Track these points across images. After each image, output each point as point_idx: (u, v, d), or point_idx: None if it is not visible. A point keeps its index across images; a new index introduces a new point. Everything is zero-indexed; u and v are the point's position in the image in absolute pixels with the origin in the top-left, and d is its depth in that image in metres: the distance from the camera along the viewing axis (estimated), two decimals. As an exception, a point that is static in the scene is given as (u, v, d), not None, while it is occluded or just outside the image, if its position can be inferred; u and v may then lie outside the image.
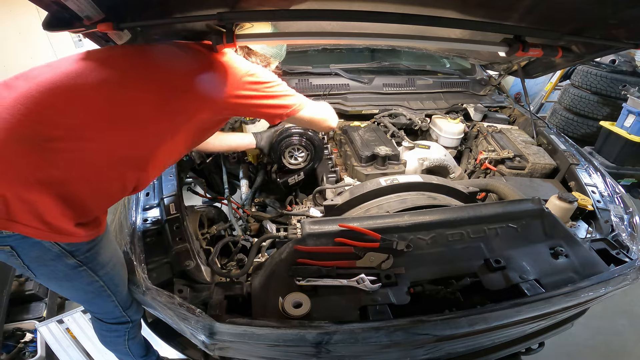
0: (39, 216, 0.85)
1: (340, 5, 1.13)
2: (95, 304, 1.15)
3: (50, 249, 0.91)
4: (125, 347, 1.31)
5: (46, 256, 0.93)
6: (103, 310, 1.19)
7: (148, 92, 0.99)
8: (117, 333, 1.26)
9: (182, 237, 1.20)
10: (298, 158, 1.75)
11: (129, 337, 1.29)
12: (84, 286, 1.05)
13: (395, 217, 1.18)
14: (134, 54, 1.08)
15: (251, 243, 1.41)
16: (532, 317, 1.06)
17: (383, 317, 1.00)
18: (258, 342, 0.97)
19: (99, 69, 0.97)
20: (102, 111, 0.93)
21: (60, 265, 0.96)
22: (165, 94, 1.00)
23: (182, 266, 1.13)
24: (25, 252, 0.91)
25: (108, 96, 0.94)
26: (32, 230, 0.85)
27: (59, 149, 0.86)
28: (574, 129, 4.29)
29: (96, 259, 1.01)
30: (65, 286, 1.07)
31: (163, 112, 1.00)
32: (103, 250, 1.03)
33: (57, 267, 0.96)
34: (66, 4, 0.93)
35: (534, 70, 2.06)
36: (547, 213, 1.26)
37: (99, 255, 1.02)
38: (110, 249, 1.07)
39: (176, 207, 1.31)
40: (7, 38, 3.66)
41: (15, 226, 0.83)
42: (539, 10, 1.17)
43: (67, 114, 0.89)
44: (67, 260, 0.95)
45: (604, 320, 2.32)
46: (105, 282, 1.06)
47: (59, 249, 0.93)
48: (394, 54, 2.60)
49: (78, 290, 1.08)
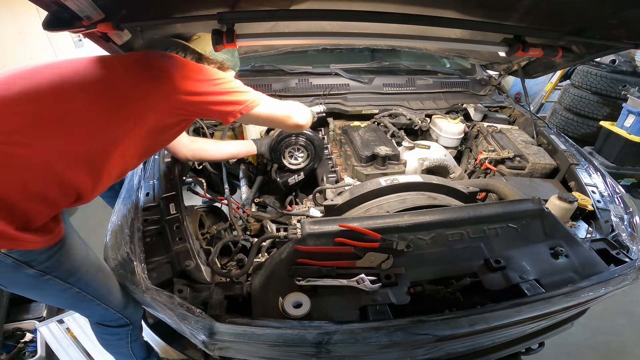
0: None
1: (340, 5, 1.13)
2: (82, 308, 1.13)
3: (3, 260, 0.87)
4: (128, 350, 1.30)
5: (3, 268, 0.89)
6: (96, 314, 1.17)
7: (84, 95, 0.94)
8: (119, 336, 1.25)
9: (182, 237, 1.20)
10: (298, 158, 1.75)
11: (132, 340, 1.28)
12: (58, 293, 1.01)
13: (395, 217, 1.18)
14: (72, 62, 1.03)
15: (251, 243, 1.41)
16: (532, 317, 1.06)
17: (383, 317, 1.00)
18: (258, 342, 0.97)
19: (31, 76, 0.93)
20: (37, 116, 0.88)
21: (21, 276, 0.92)
22: (105, 97, 0.96)
23: (182, 266, 1.12)
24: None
25: (42, 100, 0.90)
26: None
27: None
28: (574, 129, 4.29)
29: (60, 267, 0.97)
30: (39, 295, 1.04)
31: (102, 116, 0.95)
32: (67, 257, 0.98)
33: (19, 278, 0.93)
34: (66, 4, 0.93)
35: (534, 70, 2.07)
36: (547, 213, 1.26)
37: (63, 264, 0.97)
38: (77, 255, 1.02)
39: (176, 207, 1.31)
40: (7, 38, 3.66)
41: None
42: (539, 10, 1.17)
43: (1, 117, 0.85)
44: (25, 271, 0.91)
45: (604, 320, 2.32)
46: (80, 288, 1.03)
47: (12, 260, 0.88)
48: (394, 54, 2.60)
49: (54, 297, 1.05)
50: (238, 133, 1.99)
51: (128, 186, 1.45)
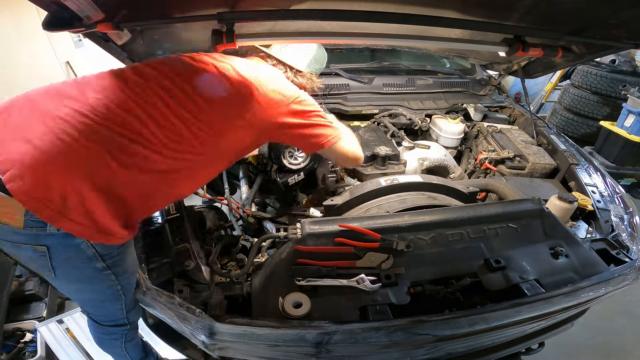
0: (92, 215, 0.86)
1: (340, 5, 1.13)
2: (103, 306, 1.15)
3: (85, 251, 0.92)
4: (122, 350, 1.30)
5: (79, 258, 0.93)
6: (106, 313, 1.18)
7: (207, 115, 1.01)
8: (114, 336, 1.25)
9: (182, 237, 1.20)
10: (298, 158, 1.75)
11: (126, 340, 1.28)
12: (103, 289, 1.05)
13: (395, 217, 1.18)
14: (187, 74, 1.06)
15: (251, 243, 1.41)
16: (532, 317, 1.06)
17: (383, 317, 1.00)
18: (258, 342, 0.97)
19: (166, 85, 0.98)
20: (175, 130, 0.96)
21: (89, 267, 0.96)
22: (220, 121, 1.03)
23: (182, 266, 1.12)
24: (59, 252, 0.91)
25: (179, 116, 0.97)
26: (81, 228, 0.86)
27: (134, 155, 0.89)
28: (574, 129, 4.29)
29: (122, 265, 1.02)
30: (83, 289, 1.07)
31: (216, 136, 1.03)
32: (128, 256, 1.05)
33: (84, 270, 0.97)
34: (66, 4, 0.93)
35: (534, 70, 2.06)
36: (547, 213, 1.26)
37: (124, 261, 1.03)
38: (132, 255, 1.09)
39: (176, 207, 1.31)
40: (7, 38, 3.66)
41: (66, 222, 0.84)
42: (539, 10, 1.17)
43: (147, 124, 0.92)
44: (96, 264, 0.96)
45: (604, 320, 2.32)
46: (123, 286, 1.07)
47: (93, 252, 0.93)
48: (394, 54, 2.60)
49: (95, 292, 1.08)
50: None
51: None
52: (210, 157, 1.05)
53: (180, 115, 0.96)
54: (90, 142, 0.85)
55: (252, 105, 1.06)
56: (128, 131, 0.90)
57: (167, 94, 0.97)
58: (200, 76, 1.03)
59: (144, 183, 0.94)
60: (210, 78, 1.04)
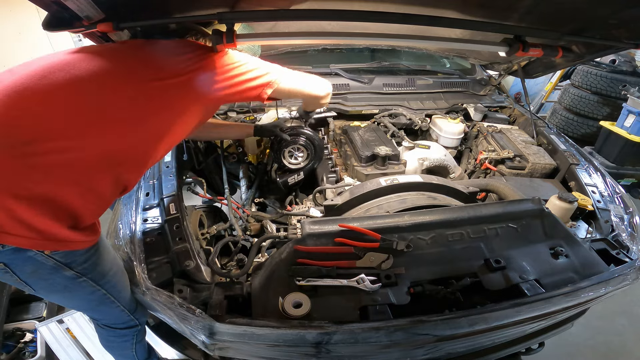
0: (29, 224, 0.81)
1: (340, 5, 1.13)
2: (100, 311, 1.14)
3: (44, 262, 0.88)
4: (132, 351, 1.30)
5: (42, 270, 0.89)
6: (110, 317, 1.17)
7: (131, 90, 0.95)
8: (125, 338, 1.24)
9: (182, 237, 1.20)
10: (298, 158, 1.75)
11: (137, 341, 1.28)
12: (86, 296, 1.03)
13: (395, 217, 1.18)
14: (109, 51, 1.04)
15: (251, 243, 1.41)
16: (532, 317, 1.06)
17: (383, 317, 0.99)
18: (258, 342, 0.97)
19: (69, 69, 0.91)
20: (83, 112, 0.88)
21: (58, 278, 0.93)
22: (151, 92, 0.97)
23: (182, 266, 1.12)
24: (19, 267, 0.88)
25: (89, 96, 0.90)
26: (25, 240, 0.82)
27: (41, 153, 0.82)
28: (574, 129, 4.29)
29: (95, 269, 0.99)
30: (67, 297, 1.05)
31: (150, 110, 0.97)
32: (101, 259, 1.01)
33: (55, 281, 0.93)
34: (66, 4, 0.93)
35: (534, 70, 2.06)
36: (547, 213, 1.26)
37: (98, 265, 0.99)
38: (109, 257, 1.05)
39: (176, 207, 1.31)
40: (7, 38, 3.66)
41: (6, 238, 0.80)
42: (539, 10, 1.17)
43: (45, 117, 0.84)
44: (64, 273, 0.92)
45: (604, 320, 2.32)
46: (107, 290, 1.04)
47: (53, 262, 0.89)
48: (394, 54, 2.60)
49: (80, 300, 1.06)
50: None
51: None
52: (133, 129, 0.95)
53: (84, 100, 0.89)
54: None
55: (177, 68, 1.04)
56: (23, 130, 0.81)
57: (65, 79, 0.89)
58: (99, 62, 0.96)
59: (68, 176, 0.86)
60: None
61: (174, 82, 1.01)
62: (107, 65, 0.95)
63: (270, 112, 1.98)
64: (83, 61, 0.93)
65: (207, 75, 1.09)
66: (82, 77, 0.90)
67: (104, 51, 1.02)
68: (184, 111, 1.05)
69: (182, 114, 1.05)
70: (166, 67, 1.03)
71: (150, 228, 1.24)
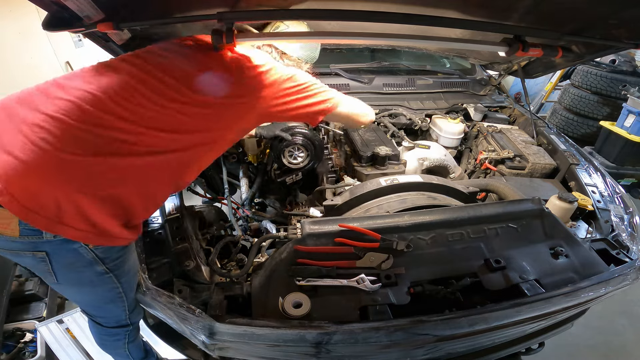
0: (89, 219, 0.85)
1: (341, 5, 1.13)
2: (106, 309, 1.15)
3: (85, 255, 0.92)
4: (125, 351, 1.31)
5: (79, 262, 0.93)
6: (109, 315, 1.18)
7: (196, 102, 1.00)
8: (117, 337, 1.25)
9: (182, 237, 1.20)
10: (298, 158, 1.75)
11: (129, 340, 1.28)
12: (105, 292, 1.05)
13: (395, 217, 1.18)
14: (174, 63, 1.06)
15: (251, 243, 1.41)
16: (532, 317, 1.06)
17: (383, 317, 1.00)
18: (258, 342, 0.97)
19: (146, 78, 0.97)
20: (160, 119, 0.94)
21: (90, 272, 0.96)
22: (213, 104, 1.03)
23: (182, 266, 1.13)
24: (59, 258, 0.91)
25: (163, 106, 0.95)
26: (80, 234, 0.85)
27: (122, 154, 0.87)
28: (574, 129, 4.29)
29: (122, 267, 1.02)
30: (85, 292, 1.07)
31: (212, 121, 1.03)
32: (129, 258, 1.04)
33: (85, 274, 0.96)
34: (66, 4, 0.93)
35: (534, 70, 2.06)
36: (547, 213, 1.26)
37: (125, 263, 1.03)
38: (133, 257, 1.09)
39: (176, 207, 1.31)
40: (7, 38, 3.66)
41: (63, 229, 0.83)
42: (539, 10, 1.17)
43: (127, 121, 0.89)
44: (97, 267, 0.96)
45: (604, 320, 2.32)
46: (124, 288, 1.07)
47: (92, 256, 0.93)
48: (394, 54, 2.60)
49: (97, 295, 1.08)
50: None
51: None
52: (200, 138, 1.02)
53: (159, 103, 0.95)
54: (69, 146, 0.83)
55: (242, 88, 1.08)
56: (105, 128, 0.87)
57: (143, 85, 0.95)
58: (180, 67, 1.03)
59: (135, 175, 0.91)
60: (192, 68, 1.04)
61: (239, 102, 1.07)
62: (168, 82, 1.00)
63: None
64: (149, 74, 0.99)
65: (267, 94, 1.11)
66: (163, 89, 0.97)
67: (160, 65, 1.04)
68: (239, 125, 1.11)
69: (237, 127, 1.11)
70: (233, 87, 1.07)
71: (150, 228, 1.25)
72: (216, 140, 1.07)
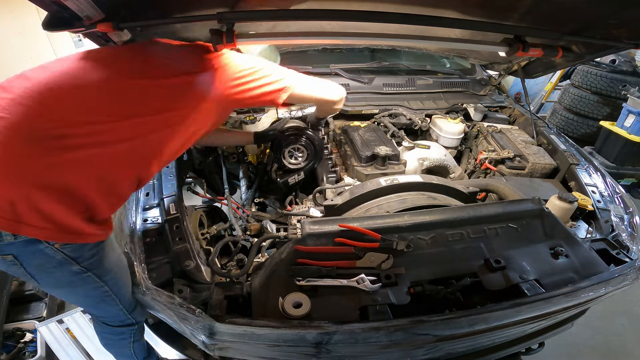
0: (45, 215, 0.83)
1: (340, 5, 1.13)
2: (100, 308, 1.15)
3: (53, 256, 0.89)
4: (130, 350, 1.30)
5: (49, 264, 0.91)
6: (108, 314, 1.18)
7: (152, 86, 0.99)
8: (122, 336, 1.25)
9: (182, 237, 1.20)
10: (298, 158, 1.75)
11: (134, 340, 1.28)
12: (89, 291, 1.04)
13: (395, 217, 1.18)
14: (131, 51, 1.10)
15: (251, 243, 1.41)
16: (532, 317, 1.06)
17: (383, 317, 1.00)
18: (258, 342, 0.97)
19: (99, 67, 0.96)
20: (111, 107, 0.92)
21: (64, 272, 0.94)
22: (169, 87, 1.02)
23: (182, 266, 1.12)
24: (28, 260, 0.89)
25: (112, 91, 0.94)
26: (39, 231, 0.83)
27: (70, 147, 0.85)
28: (574, 129, 4.29)
29: (101, 265, 1.00)
30: (70, 292, 1.06)
31: (168, 104, 1.01)
32: (107, 255, 1.02)
33: (61, 275, 0.94)
34: (66, 4, 0.93)
35: (534, 70, 2.06)
36: (547, 213, 1.26)
37: (104, 261, 1.00)
38: (115, 254, 1.07)
39: (176, 207, 1.31)
40: (7, 38, 3.66)
41: (23, 228, 0.82)
42: (539, 10, 1.17)
43: (76, 112, 0.87)
44: (71, 267, 0.94)
45: (604, 320, 2.32)
46: (110, 287, 1.05)
47: (62, 256, 0.91)
48: (394, 54, 2.60)
49: (83, 296, 1.07)
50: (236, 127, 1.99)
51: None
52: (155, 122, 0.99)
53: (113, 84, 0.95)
54: (14, 141, 0.81)
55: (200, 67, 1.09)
56: (48, 120, 0.84)
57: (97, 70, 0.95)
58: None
59: (85, 167, 0.88)
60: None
61: (191, 80, 1.06)
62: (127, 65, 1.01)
63: (270, 112, 1.98)
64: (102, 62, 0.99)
65: (223, 75, 1.12)
66: (98, 76, 0.94)
67: (118, 53, 1.08)
68: (200, 109, 1.08)
69: (198, 112, 1.08)
70: (185, 66, 1.08)
71: (150, 228, 1.25)
72: (174, 124, 1.02)
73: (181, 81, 1.04)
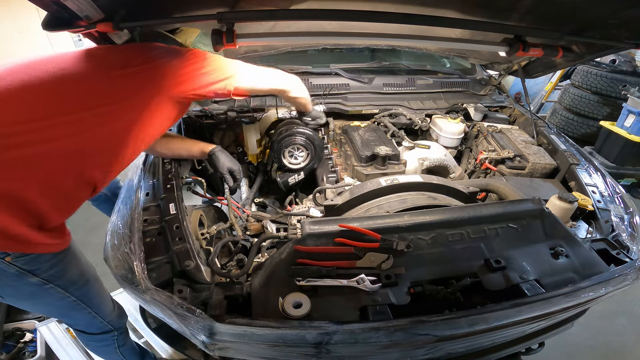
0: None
1: (340, 5, 1.13)
2: (72, 316, 1.12)
3: (6, 270, 0.86)
4: (118, 355, 1.29)
5: (5, 278, 0.88)
6: (82, 322, 1.15)
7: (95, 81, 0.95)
8: (104, 343, 1.23)
9: (182, 237, 1.20)
10: (298, 158, 1.75)
11: (119, 345, 1.26)
12: (55, 302, 1.01)
13: (395, 217, 1.18)
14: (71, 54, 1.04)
15: (251, 243, 1.40)
16: (532, 318, 1.06)
17: (383, 317, 0.99)
18: (258, 342, 0.97)
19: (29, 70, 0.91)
20: (46, 105, 0.87)
21: (24, 285, 0.91)
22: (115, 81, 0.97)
23: (182, 266, 1.12)
24: None
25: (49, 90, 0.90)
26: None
27: (5, 147, 0.80)
28: (574, 129, 4.29)
29: (64, 276, 0.97)
30: (35, 304, 1.03)
31: (114, 99, 0.96)
32: (70, 266, 0.98)
33: (20, 287, 0.91)
34: (66, 4, 0.93)
35: (534, 70, 2.06)
36: (547, 213, 1.26)
37: (67, 272, 0.97)
38: (79, 263, 1.03)
39: (176, 207, 1.31)
40: (7, 38, 3.66)
41: None
42: (539, 10, 1.17)
43: (15, 112, 0.84)
44: (29, 280, 0.90)
45: (604, 320, 2.32)
46: (78, 297, 1.03)
47: (15, 270, 0.87)
48: (394, 53, 2.60)
49: (49, 306, 1.04)
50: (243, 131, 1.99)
51: (128, 186, 1.44)
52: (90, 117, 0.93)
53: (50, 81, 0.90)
54: None
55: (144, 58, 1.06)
56: None
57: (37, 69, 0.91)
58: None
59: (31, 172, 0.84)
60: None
61: (136, 71, 1.01)
62: (70, 63, 0.97)
63: (270, 112, 1.98)
64: (44, 62, 0.95)
65: (171, 68, 1.07)
66: (43, 75, 0.90)
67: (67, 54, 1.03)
68: (148, 103, 1.03)
69: (146, 106, 1.03)
70: (130, 60, 1.04)
71: (150, 228, 1.24)
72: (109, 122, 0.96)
73: (127, 73, 1.00)
